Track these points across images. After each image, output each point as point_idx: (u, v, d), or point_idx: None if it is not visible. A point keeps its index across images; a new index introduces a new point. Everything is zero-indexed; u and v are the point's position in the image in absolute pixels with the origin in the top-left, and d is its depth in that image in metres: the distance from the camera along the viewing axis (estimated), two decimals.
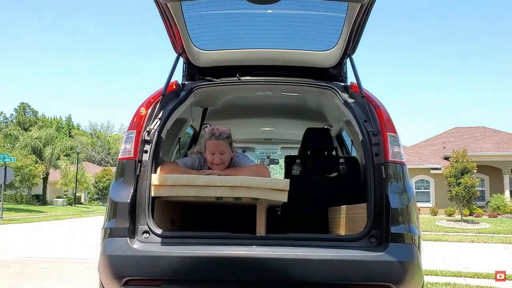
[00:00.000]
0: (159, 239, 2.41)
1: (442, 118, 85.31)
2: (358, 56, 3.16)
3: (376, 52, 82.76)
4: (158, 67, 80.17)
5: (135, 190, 2.50)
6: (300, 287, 2.30)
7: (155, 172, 2.61)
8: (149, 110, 2.74)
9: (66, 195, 40.38)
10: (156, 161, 2.66)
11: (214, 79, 3.15)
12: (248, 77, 3.18)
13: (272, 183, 2.61)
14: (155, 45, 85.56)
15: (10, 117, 55.67)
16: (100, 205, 40.67)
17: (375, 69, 79.33)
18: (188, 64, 3.27)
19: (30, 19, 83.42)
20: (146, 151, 2.60)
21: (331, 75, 3.25)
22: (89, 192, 45.93)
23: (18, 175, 28.89)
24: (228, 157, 2.90)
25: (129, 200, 2.47)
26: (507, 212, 22.39)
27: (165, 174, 2.61)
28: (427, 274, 5.98)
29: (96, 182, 43.97)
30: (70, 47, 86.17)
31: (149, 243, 2.39)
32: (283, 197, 2.53)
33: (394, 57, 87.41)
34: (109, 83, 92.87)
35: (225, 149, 2.86)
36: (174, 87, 3.00)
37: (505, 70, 78.21)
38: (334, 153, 4.18)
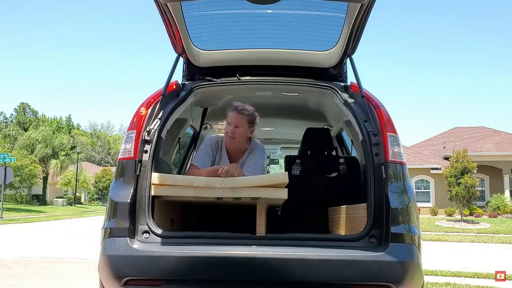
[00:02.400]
0: (159, 239, 2.41)
1: (442, 118, 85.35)
2: (358, 55, 3.16)
3: (375, 50, 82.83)
4: (158, 67, 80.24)
5: (135, 190, 2.50)
6: (300, 287, 2.30)
7: (155, 172, 2.61)
8: (149, 110, 2.74)
9: (66, 195, 40.37)
10: (156, 161, 2.66)
11: (214, 79, 3.15)
12: (248, 77, 3.18)
13: (271, 178, 2.61)
14: (155, 45, 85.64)
15: (10, 117, 55.65)
16: (100, 205, 40.67)
17: (374, 68, 79.38)
18: (188, 64, 3.27)
19: (29, 19, 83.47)
20: (146, 151, 2.60)
21: (331, 75, 3.25)
22: (89, 192, 45.93)
23: (18, 175, 28.89)
24: (242, 133, 3.06)
25: (129, 200, 2.47)
26: (507, 212, 22.39)
27: (165, 174, 2.61)
28: (427, 274, 5.98)
29: (96, 182, 43.94)
30: (70, 46, 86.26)
31: (149, 243, 2.39)
32: (283, 194, 2.53)
33: (393, 56, 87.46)
34: (109, 83, 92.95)
35: (241, 124, 3.04)
36: (174, 87, 3.00)
37: (506, 70, 78.28)
38: (334, 153, 4.18)
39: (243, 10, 2.98)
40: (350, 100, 2.90)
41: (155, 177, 2.52)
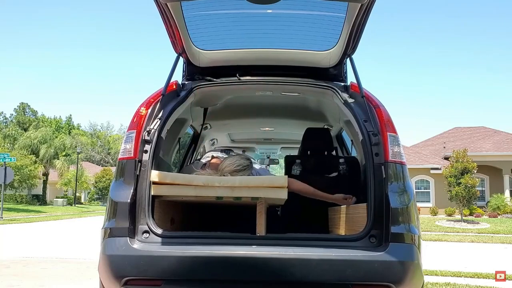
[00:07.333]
0: (159, 239, 2.42)
1: (442, 118, 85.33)
2: (358, 55, 3.16)
3: (375, 50, 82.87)
4: (158, 67, 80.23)
5: (135, 190, 2.51)
6: (300, 287, 2.30)
7: None
8: (149, 110, 2.75)
9: (66, 195, 40.36)
10: (156, 161, 2.66)
11: (214, 79, 3.15)
12: (248, 77, 3.18)
13: (271, 180, 2.61)
14: (155, 45, 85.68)
15: (10, 117, 55.65)
16: (100, 205, 40.67)
17: (374, 68, 79.39)
18: (188, 64, 3.27)
19: (29, 18, 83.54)
20: (146, 151, 2.60)
21: (331, 75, 3.25)
22: (89, 192, 45.93)
23: (18, 175, 28.87)
24: None
25: (129, 200, 2.47)
26: (507, 212, 22.39)
27: (165, 172, 2.62)
28: (427, 274, 5.98)
29: (96, 182, 43.94)
30: (70, 46, 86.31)
31: (149, 243, 2.39)
32: (283, 194, 2.53)
33: (393, 56, 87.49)
34: (109, 83, 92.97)
35: None
36: (174, 87, 3.00)
37: (506, 70, 78.28)
38: (334, 153, 4.18)
39: (243, 10, 2.97)
40: (350, 100, 2.90)
41: (155, 174, 2.52)
